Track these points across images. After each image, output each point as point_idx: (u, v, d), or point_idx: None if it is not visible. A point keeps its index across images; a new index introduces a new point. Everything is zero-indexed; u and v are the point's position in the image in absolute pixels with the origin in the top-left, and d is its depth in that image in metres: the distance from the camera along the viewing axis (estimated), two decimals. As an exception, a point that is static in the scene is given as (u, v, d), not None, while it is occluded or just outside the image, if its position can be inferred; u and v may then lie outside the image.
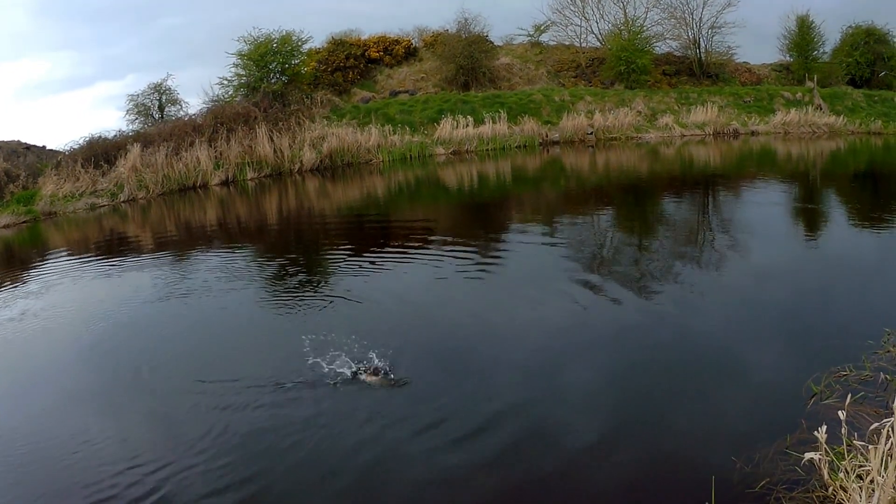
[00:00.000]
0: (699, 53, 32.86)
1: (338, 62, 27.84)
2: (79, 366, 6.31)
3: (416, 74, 29.17)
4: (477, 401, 4.86)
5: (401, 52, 29.68)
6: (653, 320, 6.46)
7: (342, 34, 29.57)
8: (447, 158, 23.15)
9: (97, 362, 6.31)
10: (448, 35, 29.41)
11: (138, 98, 25.92)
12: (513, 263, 9.19)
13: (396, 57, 29.57)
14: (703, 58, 32.82)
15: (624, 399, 4.89)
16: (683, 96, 30.06)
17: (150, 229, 14.54)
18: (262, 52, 24.22)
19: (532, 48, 32.45)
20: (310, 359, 5.54)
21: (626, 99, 28.60)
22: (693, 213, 12.93)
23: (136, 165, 19.15)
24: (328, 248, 11.27)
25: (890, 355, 5.19)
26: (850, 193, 14.89)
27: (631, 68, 29.44)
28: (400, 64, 29.68)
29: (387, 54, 29.45)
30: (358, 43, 29.15)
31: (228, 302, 7.99)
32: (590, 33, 32.90)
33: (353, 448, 4.30)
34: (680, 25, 32.74)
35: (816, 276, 7.91)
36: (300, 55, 25.40)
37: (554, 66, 30.99)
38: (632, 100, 28.65)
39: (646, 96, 29.29)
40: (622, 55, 29.49)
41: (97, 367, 6.19)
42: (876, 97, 33.37)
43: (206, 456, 4.29)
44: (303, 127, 22.57)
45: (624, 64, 29.42)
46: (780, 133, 29.23)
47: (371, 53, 29.01)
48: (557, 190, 16.62)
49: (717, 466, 3.80)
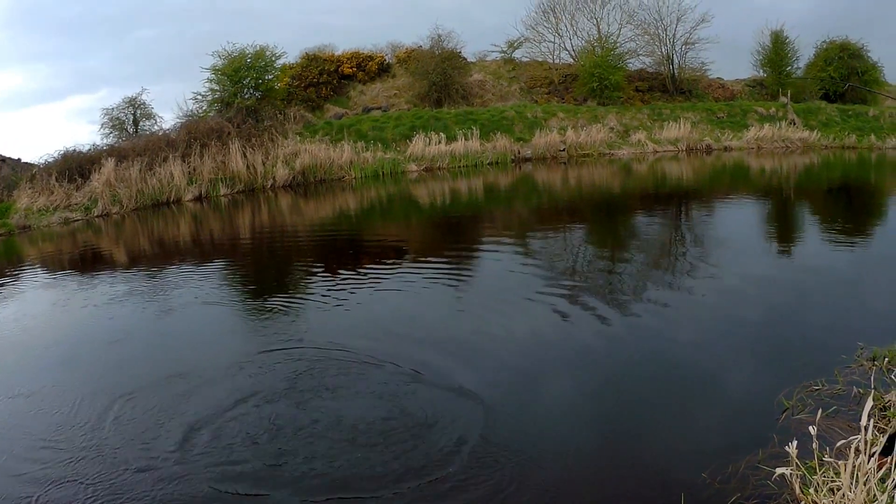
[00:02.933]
0: (672, 69, 34.41)
1: (311, 78, 29.27)
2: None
3: (389, 90, 30.61)
4: (445, 415, 5.03)
5: (374, 68, 31.22)
6: (625, 336, 6.72)
7: (316, 49, 31.04)
8: (419, 175, 24.37)
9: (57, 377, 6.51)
10: (421, 51, 30.87)
11: (113, 112, 27.16)
12: (484, 280, 9.61)
13: (370, 73, 31.09)
14: (677, 74, 34.38)
15: (594, 415, 5.07)
16: (656, 112, 31.46)
17: (124, 245, 15.18)
18: (235, 67, 25.57)
19: (505, 64, 34.12)
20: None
21: (598, 115, 29.96)
22: (666, 228, 13.55)
23: (110, 180, 20.25)
24: (299, 266, 11.75)
25: (863, 369, 5.42)
26: (823, 207, 15.55)
27: (604, 85, 30.86)
28: (373, 80, 31.15)
29: (360, 70, 30.93)
30: (331, 58, 30.59)
31: (192, 317, 8.42)
32: (563, 49, 34.58)
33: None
34: (653, 42, 34.37)
35: (790, 291, 8.15)
36: (274, 70, 26.79)
37: (527, 83, 32.72)
38: (604, 116, 30.00)
39: (618, 113, 30.66)
40: (595, 71, 30.93)
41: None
42: (850, 111, 34.85)
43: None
44: (276, 143, 23.92)
45: (597, 80, 30.84)
46: (753, 148, 30.35)
47: (344, 69, 30.47)
48: (530, 206, 17.36)
49: (688, 482, 3.99)
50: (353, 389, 5.63)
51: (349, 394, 5.55)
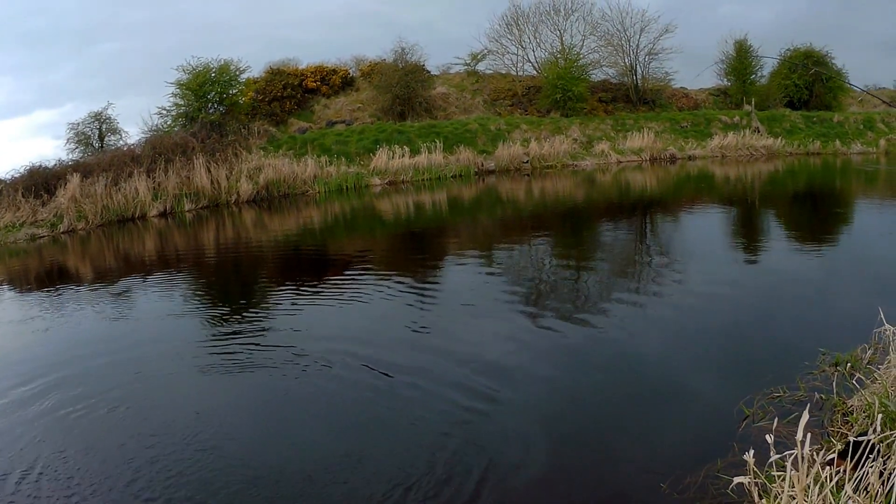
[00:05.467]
0: (636, 80, 36.37)
1: (275, 92, 30.74)
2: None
3: (352, 104, 32.23)
4: (405, 429, 5.23)
5: (338, 81, 32.81)
6: (586, 346, 6.99)
7: (280, 63, 32.52)
8: (383, 189, 25.60)
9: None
10: (385, 65, 32.51)
11: (79, 126, 28.16)
12: (449, 291, 9.93)
13: (333, 87, 32.66)
14: (640, 84, 36.35)
15: (554, 426, 5.18)
16: (620, 123, 33.29)
17: (90, 262, 15.85)
18: (200, 82, 26.96)
19: (468, 77, 35.98)
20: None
21: (561, 127, 31.76)
22: (630, 238, 14.15)
23: (75, 196, 21.31)
24: (263, 281, 12.21)
25: (825, 375, 5.62)
26: (787, 214, 16.44)
27: (567, 96, 32.67)
28: (337, 94, 32.73)
29: (324, 84, 32.49)
30: (295, 72, 32.08)
31: (160, 332, 8.68)
32: (526, 62, 36.64)
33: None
34: (617, 52, 36.39)
35: (753, 298, 8.50)
36: (238, 85, 28.28)
37: (490, 95, 34.63)
38: (568, 127, 31.80)
39: (582, 124, 32.47)
40: (558, 83, 32.76)
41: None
42: (814, 118, 36.86)
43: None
44: (240, 158, 25.25)
45: (560, 92, 32.66)
46: (717, 157, 32.04)
47: (308, 83, 31.97)
48: (494, 219, 18.14)
49: (646, 494, 4.14)
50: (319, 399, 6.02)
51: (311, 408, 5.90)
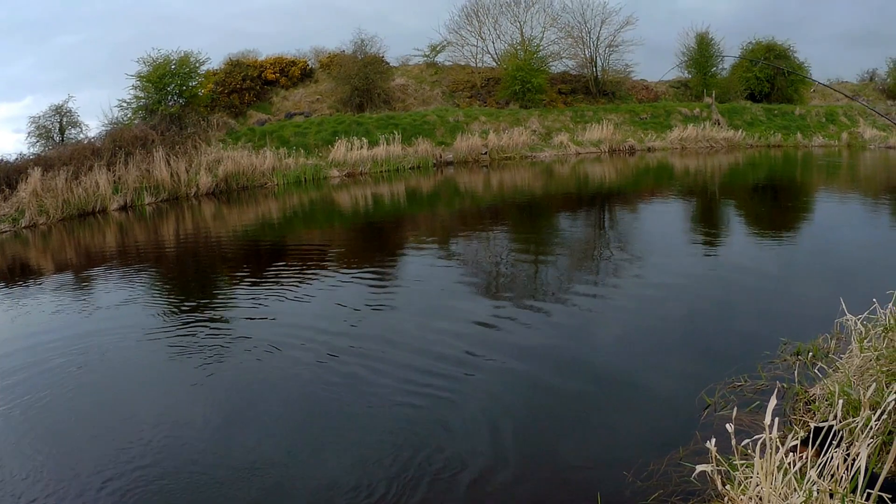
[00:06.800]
0: (596, 72, 37.79)
1: (234, 84, 31.70)
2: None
3: (311, 96, 33.30)
4: (363, 427, 5.28)
5: (297, 73, 33.84)
6: (549, 336, 7.13)
7: (240, 55, 33.60)
8: (341, 181, 26.42)
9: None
10: (344, 56, 33.58)
11: (40, 120, 28.67)
12: (407, 285, 10.10)
13: (293, 78, 33.70)
14: (600, 76, 37.76)
15: (515, 419, 5.29)
16: (579, 114, 34.68)
17: (52, 257, 16.21)
18: (160, 74, 27.68)
19: (428, 69, 37.20)
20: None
21: (520, 118, 33.05)
22: (588, 229, 14.47)
23: (36, 190, 22.00)
24: (223, 274, 12.36)
25: (786, 364, 5.80)
26: (746, 206, 16.87)
27: (526, 88, 33.91)
28: (296, 85, 33.77)
29: (283, 76, 33.50)
30: (255, 64, 33.06)
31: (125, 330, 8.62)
32: (486, 53, 37.98)
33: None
34: (577, 44, 37.85)
35: (714, 290, 8.73)
36: (197, 77, 29.05)
37: (449, 87, 35.92)
38: (526, 119, 33.10)
39: (541, 115, 33.82)
40: (517, 74, 34.00)
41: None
42: (776, 111, 38.64)
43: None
44: (199, 150, 26.07)
45: (519, 83, 33.91)
46: (677, 148, 33.38)
47: (267, 75, 32.98)
48: (452, 211, 18.60)
49: (609, 482, 4.26)
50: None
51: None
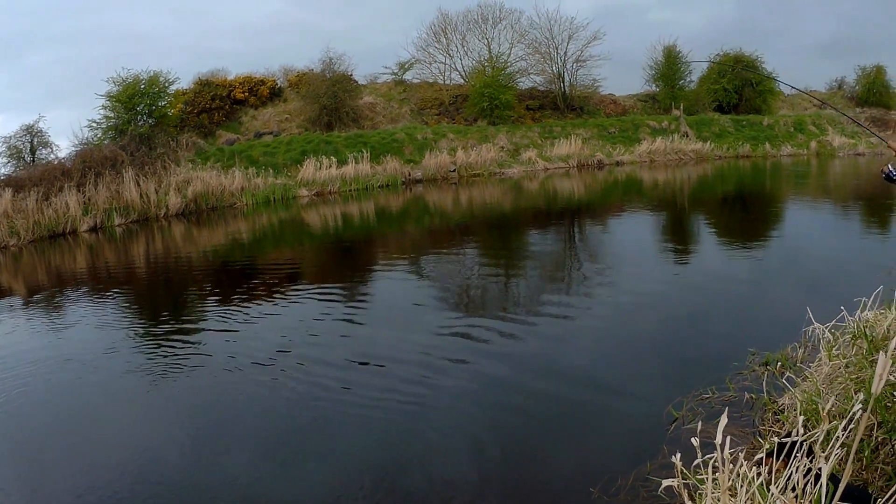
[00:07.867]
0: (563, 87, 38.73)
1: (204, 104, 32.29)
2: None
3: (280, 115, 33.95)
4: (336, 439, 5.39)
5: (266, 92, 34.47)
6: (517, 350, 7.29)
7: (209, 74, 34.08)
8: (311, 200, 27.01)
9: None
10: (313, 75, 34.24)
11: (11, 140, 28.60)
12: (378, 299, 10.41)
13: (261, 98, 34.32)
14: (568, 91, 38.72)
15: (486, 437, 5.35)
16: (547, 130, 35.57)
17: (23, 279, 16.52)
18: (130, 94, 28.23)
19: (396, 86, 37.97)
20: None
21: (488, 135, 33.85)
22: (558, 243, 14.80)
23: (7, 211, 22.40)
24: (193, 294, 12.64)
25: (755, 375, 5.89)
26: (715, 217, 17.42)
27: (494, 104, 34.79)
28: (265, 105, 34.39)
29: (252, 95, 34.12)
30: (224, 83, 33.67)
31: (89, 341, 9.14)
32: (454, 70, 38.95)
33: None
34: (544, 60, 38.77)
35: (683, 302, 8.92)
36: (167, 97, 29.70)
37: (417, 104, 36.72)
38: (495, 136, 33.91)
39: (509, 132, 34.66)
40: (485, 91, 34.89)
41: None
42: (744, 122, 39.77)
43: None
44: (168, 171, 26.64)
45: (487, 100, 34.80)
46: (645, 162, 34.36)
47: (236, 94, 33.59)
48: (421, 228, 19.10)
49: (577, 496, 4.33)
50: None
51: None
